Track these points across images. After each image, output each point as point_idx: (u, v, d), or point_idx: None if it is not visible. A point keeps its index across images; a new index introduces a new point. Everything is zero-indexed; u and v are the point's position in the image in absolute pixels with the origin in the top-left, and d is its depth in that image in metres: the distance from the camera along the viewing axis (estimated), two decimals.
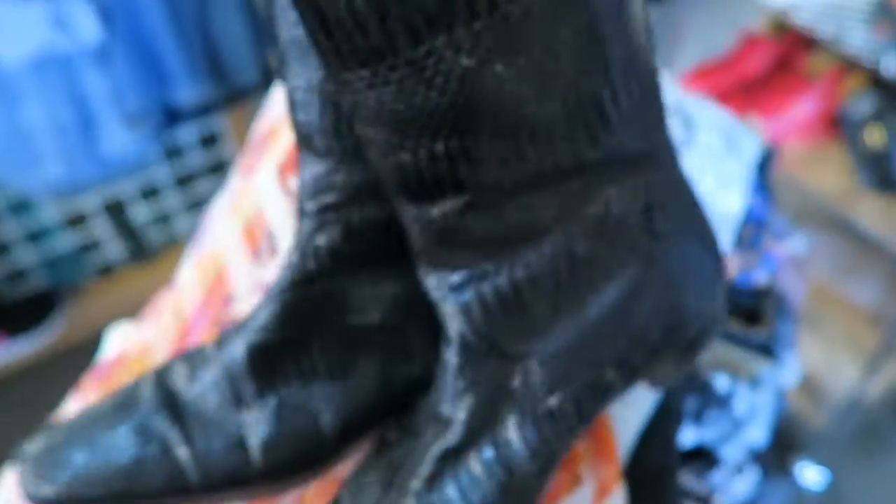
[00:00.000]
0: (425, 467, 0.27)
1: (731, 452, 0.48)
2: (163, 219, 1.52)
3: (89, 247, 1.46)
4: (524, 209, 0.25)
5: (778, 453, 1.37)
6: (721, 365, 0.50)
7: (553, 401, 0.28)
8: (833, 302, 1.45)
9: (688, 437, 0.47)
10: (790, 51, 1.24)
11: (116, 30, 1.04)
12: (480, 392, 0.27)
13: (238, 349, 0.32)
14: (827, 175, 1.17)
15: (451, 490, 0.27)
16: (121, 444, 0.31)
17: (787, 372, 0.64)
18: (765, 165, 0.70)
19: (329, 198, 0.30)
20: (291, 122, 0.30)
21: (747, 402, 0.50)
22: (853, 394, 1.26)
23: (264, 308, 0.32)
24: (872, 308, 1.40)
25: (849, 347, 1.39)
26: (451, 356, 0.27)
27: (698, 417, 0.46)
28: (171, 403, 0.32)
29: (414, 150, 0.23)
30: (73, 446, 0.31)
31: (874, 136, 1.09)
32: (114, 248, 1.50)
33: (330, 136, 0.29)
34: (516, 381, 0.27)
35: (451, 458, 0.27)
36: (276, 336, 0.31)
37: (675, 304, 0.29)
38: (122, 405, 0.32)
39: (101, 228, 1.44)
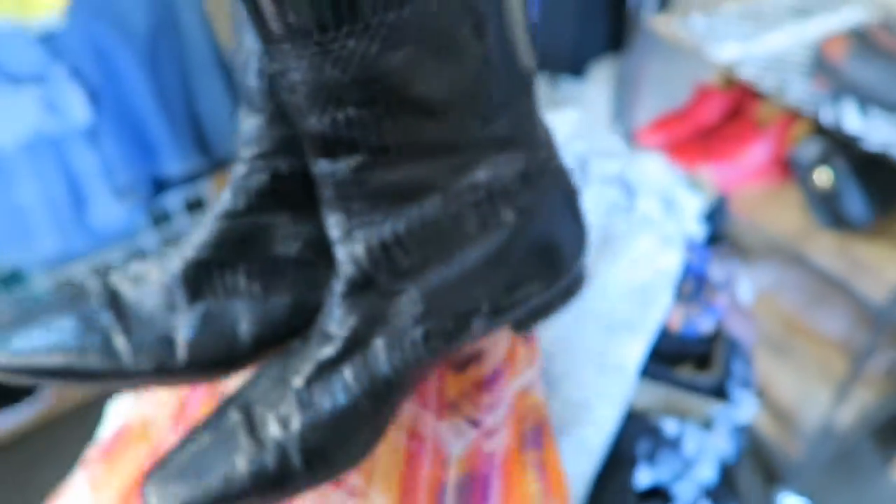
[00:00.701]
0: (306, 369, 0.34)
1: (685, 490, 0.53)
2: None
3: None
4: (411, 173, 0.31)
5: (760, 486, 1.41)
6: (671, 409, 0.55)
7: (420, 329, 0.34)
8: (802, 332, 1.51)
9: (643, 477, 0.52)
10: (742, 100, 1.32)
11: (104, 108, 1.10)
12: (357, 317, 0.34)
13: (175, 263, 0.38)
14: (783, 215, 1.23)
15: (323, 390, 0.34)
16: (68, 330, 0.36)
17: (743, 410, 0.69)
18: (715, 215, 0.77)
19: (261, 147, 0.37)
20: (239, 83, 0.37)
21: (696, 443, 0.54)
22: (826, 421, 1.31)
23: (201, 231, 0.38)
24: (840, 337, 1.46)
25: (820, 376, 1.44)
26: (337, 285, 0.34)
27: (651, 459, 0.51)
28: (115, 302, 0.38)
29: (320, 116, 0.29)
30: (28, 326, 0.36)
31: (823, 178, 1.16)
32: None
33: (265, 96, 0.36)
34: (390, 311, 0.34)
35: (329, 365, 0.34)
36: (208, 255, 0.38)
37: (548, 245, 0.36)
38: (71, 298, 0.38)
39: None
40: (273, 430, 0.33)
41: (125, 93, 1.10)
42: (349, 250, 0.33)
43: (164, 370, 0.37)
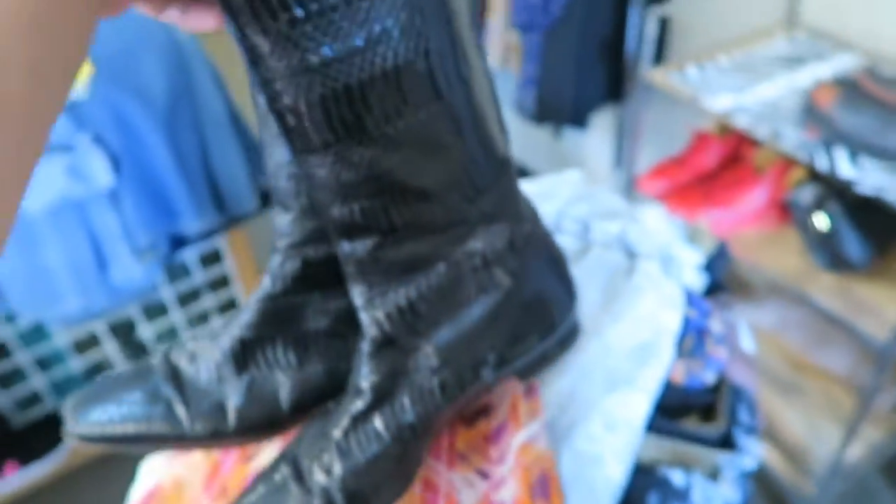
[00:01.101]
0: (343, 422, 0.39)
1: None
2: (169, 335, 1.59)
3: (98, 367, 1.53)
4: (417, 247, 0.37)
5: None
6: (678, 461, 0.58)
7: (437, 379, 0.40)
8: (808, 371, 1.53)
9: None
10: (738, 147, 1.36)
11: (125, 172, 1.15)
12: (382, 372, 0.39)
13: (224, 341, 0.44)
14: (783, 256, 1.26)
15: (359, 439, 0.39)
16: (136, 403, 0.43)
17: (749, 458, 0.71)
18: (715, 263, 0.80)
19: (293, 238, 0.43)
20: (272, 187, 0.43)
21: (704, 493, 0.57)
22: (836, 458, 1.32)
23: (245, 313, 0.44)
24: (846, 374, 1.48)
25: (828, 413, 1.45)
26: (363, 346, 0.39)
27: None
28: (175, 376, 0.44)
29: (340, 207, 0.35)
30: (103, 401, 0.43)
31: (820, 222, 1.20)
32: (122, 366, 1.56)
33: (294, 196, 0.42)
34: (410, 365, 0.39)
35: (361, 417, 0.39)
36: (251, 333, 0.44)
37: (540, 302, 0.43)
38: (139, 374, 0.45)
39: (109, 348, 1.51)
40: (318, 477, 0.39)
41: (145, 156, 1.15)
42: (371, 316, 0.39)
43: (217, 434, 0.43)
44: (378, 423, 0.39)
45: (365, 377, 0.40)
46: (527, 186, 0.75)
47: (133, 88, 1.10)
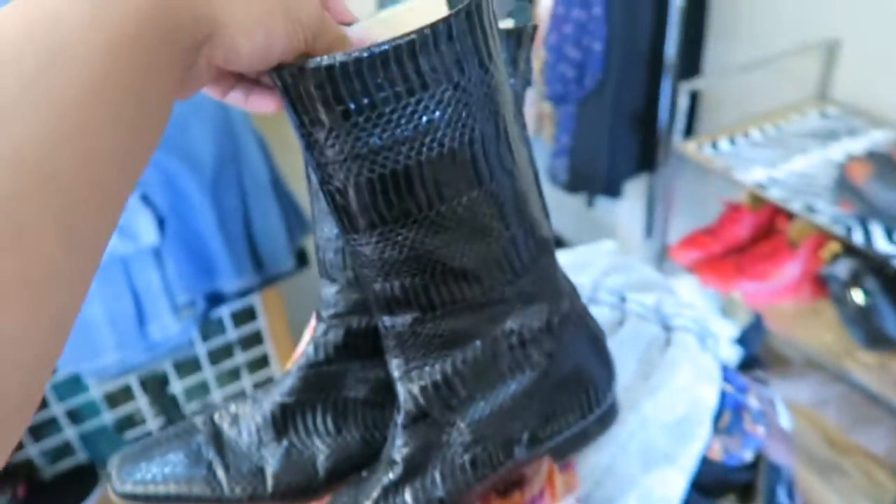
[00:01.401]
0: (375, 493, 0.40)
1: None
2: (200, 390, 1.60)
3: (129, 420, 1.54)
4: (454, 324, 0.38)
5: None
6: None
7: (468, 456, 0.40)
8: (849, 450, 1.47)
9: None
10: (772, 219, 1.36)
11: (169, 231, 1.19)
12: (415, 445, 0.40)
13: (265, 405, 0.45)
14: (820, 331, 1.24)
15: None
16: (179, 463, 0.44)
17: None
18: (750, 336, 0.79)
19: (337, 309, 0.45)
20: (320, 259, 0.45)
21: None
22: None
23: (287, 379, 0.46)
24: (887, 454, 1.42)
25: (869, 495, 1.40)
26: (398, 418, 0.40)
27: None
28: (217, 438, 0.45)
29: (382, 283, 0.36)
30: (147, 460, 0.45)
31: (858, 296, 1.18)
32: (152, 420, 1.57)
33: (340, 269, 0.44)
34: (443, 439, 0.40)
35: (392, 488, 0.39)
36: (291, 399, 0.45)
37: (578, 381, 0.43)
38: (183, 433, 0.46)
39: (141, 402, 1.53)
40: None
41: (189, 216, 1.19)
42: (407, 388, 0.40)
43: (255, 498, 0.44)
44: (408, 496, 0.39)
45: (397, 449, 0.40)
46: (561, 257, 0.76)
47: (182, 152, 1.15)
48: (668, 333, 0.62)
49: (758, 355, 0.81)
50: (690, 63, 1.56)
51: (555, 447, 0.44)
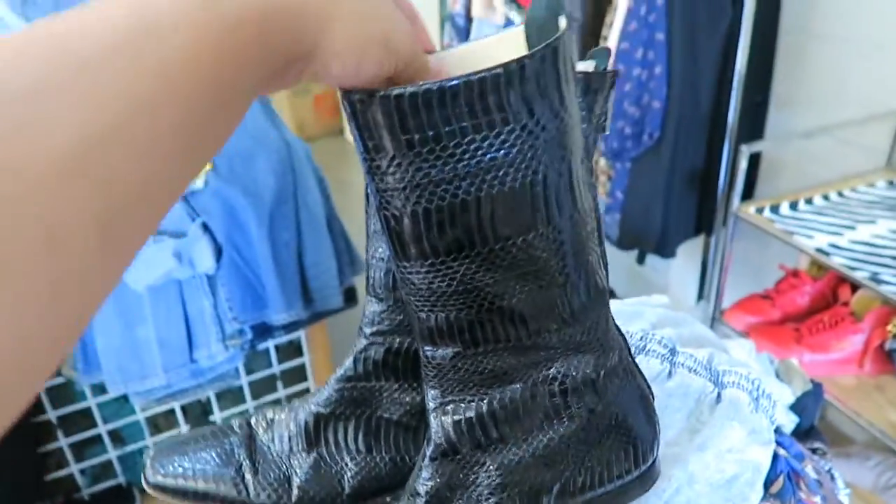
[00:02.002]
0: None
1: None
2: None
3: None
4: (496, 364, 0.37)
5: None
6: None
7: (494, 499, 0.38)
8: None
9: None
10: (834, 287, 1.32)
11: (224, 260, 1.22)
12: (441, 480, 0.39)
13: (301, 414, 0.45)
14: (884, 409, 1.18)
15: None
16: (210, 461, 0.45)
17: None
18: (808, 405, 0.75)
19: (380, 327, 0.45)
20: (368, 277, 0.45)
21: None
22: None
23: (325, 390, 0.46)
24: None
25: None
26: (427, 450, 0.39)
27: None
28: (250, 441, 0.46)
29: (428, 313, 0.36)
30: (180, 455, 0.45)
31: None
32: None
33: (388, 289, 0.44)
34: (469, 479, 0.39)
35: None
36: (326, 411, 0.45)
37: (620, 439, 0.41)
38: (218, 433, 0.47)
39: (183, 428, 1.55)
40: None
41: (245, 248, 1.22)
42: (440, 421, 0.39)
43: None
44: None
45: (423, 482, 0.39)
46: (612, 305, 0.75)
47: (245, 185, 1.19)
48: (720, 390, 0.59)
49: (815, 426, 0.77)
50: (752, 127, 1.54)
51: (590, 501, 0.42)
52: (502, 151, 0.32)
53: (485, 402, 0.38)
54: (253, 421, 0.47)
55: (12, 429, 0.20)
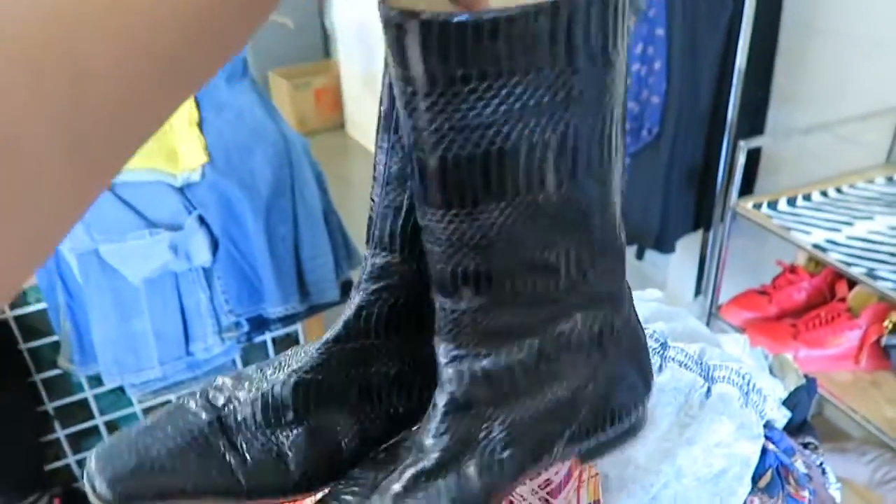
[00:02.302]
0: (406, 478, 0.38)
1: None
2: None
3: None
4: (514, 319, 0.36)
5: None
6: None
7: (506, 454, 0.38)
8: None
9: None
10: (832, 283, 1.31)
11: (221, 253, 1.22)
12: (455, 436, 0.38)
13: (280, 388, 0.41)
14: (880, 406, 1.18)
15: (419, 498, 0.37)
16: (184, 448, 0.39)
17: None
18: (802, 400, 0.75)
19: (388, 282, 0.42)
20: (369, 229, 0.42)
21: None
22: None
23: (304, 357, 0.42)
24: None
25: None
26: (440, 404, 0.38)
27: None
28: (220, 424, 0.40)
29: (447, 264, 0.34)
30: (139, 447, 0.39)
31: None
32: None
33: (401, 238, 0.41)
34: (482, 434, 0.38)
35: (424, 477, 0.37)
36: (311, 378, 0.42)
37: (606, 403, 0.41)
38: (175, 418, 0.40)
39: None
40: None
41: (241, 241, 1.22)
42: (454, 375, 0.38)
43: (282, 491, 0.41)
44: (442, 487, 0.37)
45: (436, 437, 0.38)
46: None
47: (241, 178, 1.19)
48: (710, 385, 0.59)
49: (808, 421, 0.77)
50: (753, 123, 1.54)
51: (585, 452, 0.43)
52: (546, 97, 0.30)
53: (502, 356, 0.37)
54: (210, 396, 0.42)
55: (14, 418, 0.18)
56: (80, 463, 1.50)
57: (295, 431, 0.41)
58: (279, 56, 3.60)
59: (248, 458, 0.40)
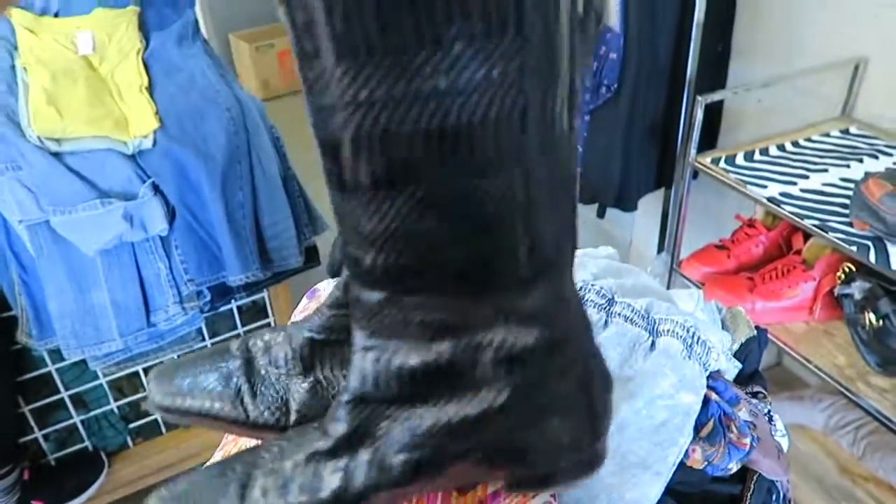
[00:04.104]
0: (299, 456, 0.39)
1: None
2: None
3: (135, 410, 1.56)
4: (430, 317, 0.34)
5: None
6: None
7: (399, 458, 0.37)
8: (861, 478, 1.43)
9: None
10: (789, 237, 1.34)
11: (178, 222, 1.20)
12: (352, 426, 0.37)
13: (296, 342, 0.47)
14: (833, 354, 1.21)
15: (305, 476, 0.38)
16: (211, 382, 0.46)
17: None
18: (751, 352, 0.77)
19: None
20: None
21: None
22: None
23: (317, 318, 0.47)
24: None
25: None
26: (342, 393, 0.38)
27: None
28: (249, 365, 0.47)
29: (365, 253, 0.32)
30: (180, 375, 0.47)
31: (872, 319, 1.15)
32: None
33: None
34: (380, 431, 0.37)
35: (315, 457, 0.38)
36: (319, 339, 0.46)
37: (522, 435, 0.37)
38: (217, 355, 0.48)
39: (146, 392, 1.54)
40: (255, 495, 0.38)
41: (198, 208, 1.20)
42: (361, 365, 0.36)
43: (278, 426, 0.46)
44: (327, 473, 0.37)
45: (334, 424, 0.38)
46: None
47: (195, 145, 1.17)
48: (654, 338, 0.60)
49: (759, 370, 0.79)
50: (715, 78, 1.54)
51: (511, 482, 0.41)
52: (479, 72, 0.26)
53: (412, 355, 0.35)
54: (251, 343, 0.48)
55: None
56: (48, 437, 1.49)
57: (301, 381, 0.46)
58: (240, 18, 3.50)
59: (259, 396, 0.46)
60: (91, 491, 1.47)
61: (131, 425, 1.57)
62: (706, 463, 0.57)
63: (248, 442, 0.53)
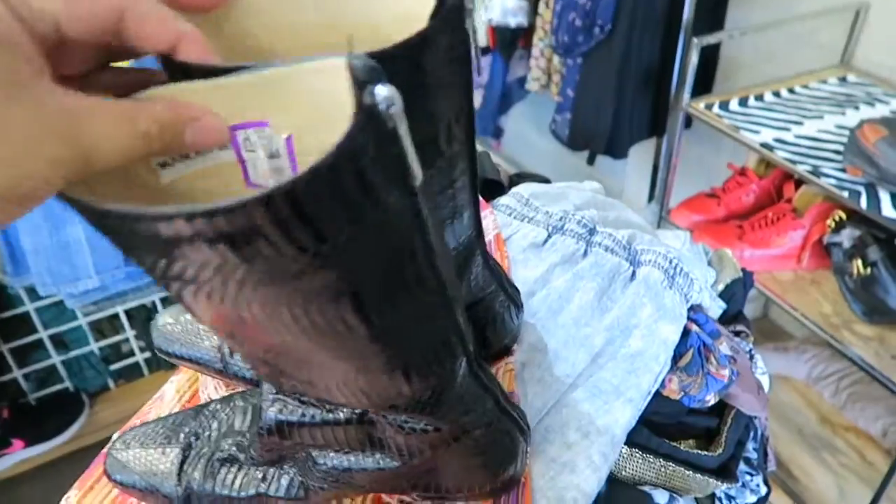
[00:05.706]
0: (223, 454, 0.44)
1: None
2: None
3: (116, 351, 1.55)
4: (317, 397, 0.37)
5: None
6: (667, 483, 0.53)
7: (293, 492, 0.42)
8: (842, 428, 1.44)
9: None
10: (780, 185, 1.31)
11: None
12: (269, 454, 0.42)
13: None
14: (819, 303, 1.20)
15: (225, 476, 0.43)
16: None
17: (751, 495, 0.66)
18: (736, 292, 0.75)
19: None
20: None
21: None
22: None
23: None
24: (880, 433, 1.39)
25: (860, 474, 1.36)
26: (260, 422, 0.40)
27: None
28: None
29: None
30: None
31: (860, 267, 1.14)
32: (139, 353, 1.58)
33: None
34: (282, 464, 0.42)
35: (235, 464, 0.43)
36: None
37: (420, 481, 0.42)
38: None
39: (128, 333, 1.53)
40: (189, 469, 0.43)
41: None
42: (266, 414, 0.39)
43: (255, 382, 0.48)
44: (243, 477, 0.43)
45: (255, 445, 0.43)
46: (539, 187, 0.73)
47: None
48: (635, 268, 0.58)
49: (742, 312, 0.77)
50: (712, 22, 1.49)
51: None
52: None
53: (306, 416, 0.38)
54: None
55: None
56: (28, 377, 1.48)
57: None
58: None
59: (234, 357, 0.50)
60: (71, 431, 1.46)
61: (112, 367, 1.56)
62: (683, 393, 0.56)
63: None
